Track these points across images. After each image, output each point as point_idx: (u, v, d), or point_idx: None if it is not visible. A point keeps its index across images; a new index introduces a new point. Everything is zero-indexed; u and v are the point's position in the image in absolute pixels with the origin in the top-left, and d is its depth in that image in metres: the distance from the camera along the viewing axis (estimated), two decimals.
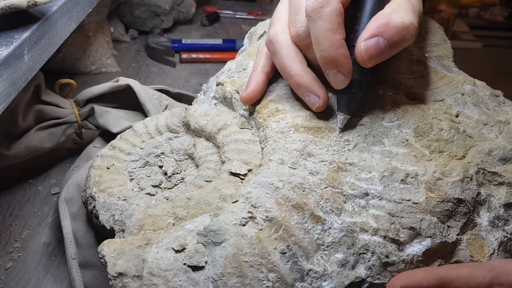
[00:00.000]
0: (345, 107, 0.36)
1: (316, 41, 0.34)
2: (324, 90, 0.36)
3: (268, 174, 0.33)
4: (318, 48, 0.34)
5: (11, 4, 0.37)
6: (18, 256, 0.49)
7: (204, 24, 1.08)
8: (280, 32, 0.38)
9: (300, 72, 0.36)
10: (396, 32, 0.33)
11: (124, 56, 0.92)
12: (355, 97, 0.36)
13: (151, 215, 0.35)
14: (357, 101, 0.36)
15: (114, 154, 0.42)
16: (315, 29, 0.33)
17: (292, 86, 0.37)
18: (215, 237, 0.30)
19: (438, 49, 0.46)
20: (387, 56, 0.34)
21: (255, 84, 0.39)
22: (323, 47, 0.33)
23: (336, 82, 0.35)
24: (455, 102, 0.40)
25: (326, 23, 0.33)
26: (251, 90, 0.39)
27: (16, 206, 0.55)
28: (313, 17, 0.33)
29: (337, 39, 0.33)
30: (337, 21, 0.33)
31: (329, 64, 0.34)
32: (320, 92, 0.36)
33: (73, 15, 0.51)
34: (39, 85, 0.53)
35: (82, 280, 0.42)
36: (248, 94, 0.39)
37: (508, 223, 0.35)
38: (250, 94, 0.39)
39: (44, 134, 0.55)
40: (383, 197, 0.33)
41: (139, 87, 0.56)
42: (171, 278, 0.28)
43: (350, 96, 0.35)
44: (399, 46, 0.34)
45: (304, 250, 0.30)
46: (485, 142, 0.37)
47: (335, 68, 0.34)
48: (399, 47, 0.34)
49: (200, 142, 0.41)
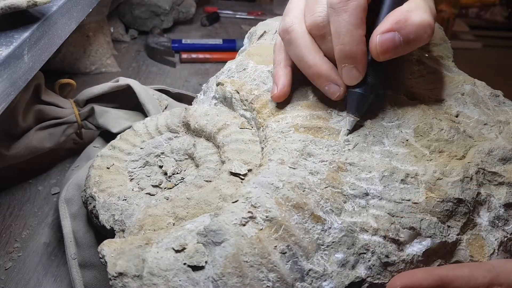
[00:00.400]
0: (355, 109, 0.36)
1: (337, 34, 0.33)
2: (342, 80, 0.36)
3: (268, 174, 0.33)
4: (338, 41, 0.34)
5: (11, 4, 0.37)
6: (18, 256, 0.49)
7: (204, 24, 1.08)
8: (296, 21, 0.37)
9: (319, 62, 0.36)
10: (413, 30, 0.33)
11: (124, 56, 0.92)
12: (366, 100, 0.35)
13: (151, 215, 0.35)
14: (367, 104, 0.36)
15: (114, 154, 0.42)
16: (338, 22, 0.33)
17: (310, 76, 0.37)
18: (215, 237, 0.30)
19: (438, 49, 0.46)
20: (401, 52, 0.34)
21: (284, 79, 0.38)
22: (344, 40, 0.33)
23: (349, 77, 0.35)
24: (455, 102, 0.40)
25: (351, 17, 0.33)
26: (282, 85, 0.38)
27: (16, 206, 0.55)
28: (338, 10, 0.33)
29: (359, 35, 0.33)
30: (361, 16, 0.33)
31: (346, 59, 0.34)
32: (340, 81, 0.36)
33: (73, 15, 0.51)
34: (39, 85, 0.53)
35: (82, 280, 0.42)
36: (281, 90, 0.38)
37: (508, 223, 0.35)
38: (283, 90, 0.38)
39: (44, 134, 0.55)
40: (383, 197, 0.33)
41: (139, 87, 0.56)
42: (171, 278, 0.28)
43: (361, 99, 0.35)
44: (414, 44, 0.34)
45: (304, 250, 0.30)
46: (485, 142, 0.37)
47: (352, 63, 0.34)
48: (414, 46, 0.34)
49: (200, 142, 0.41)
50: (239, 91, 0.41)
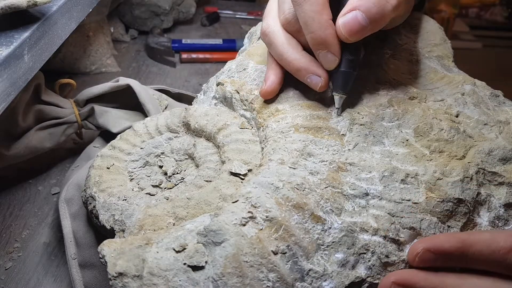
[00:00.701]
0: (340, 87, 0.36)
1: (305, 24, 0.34)
2: (323, 69, 0.36)
3: (268, 174, 0.33)
4: (307, 31, 0.35)
5: (11, 4, 0.37)
6: (18, 256, 0.49)
7: (204, 24, 1.08)
8: (271, 23, 0.38)
9: (297, 56, 0.37)
10: (373, 3, 0.33)
11: (124, 56, 0.92)
12: (350, 77, 0.36)
13: (151, 215, 0.35)
14: (351, 80, 0.36)
15: (114, 154, 0.42)
16: (302, 13, 0.34)
17: (292, 71, 0.38)
18: (215, 237, 0.30)
19: (438, 49, 0.46)
20: (370, 30, 0.34)
21: (274, 77, 0.39)
22: (312, 28, 0.34)
23: (326, 62, 0.35)
24: (455, 102, 0.40)
25: (313, 6, 0.34)
26: (271, 82, 0.38)
27: (16, 206, 0.55)
28: (299, 2, 0.34)
29: (324, 20, 0.34)
30: (321, 2, 0.34)
31: (319, 45, 0.35)
32: (319, 71, 0.36)
33: (73, 15, 0.51)
34: (39, 85, 0.53)
35: (82, 280, 0.42)
36: (269, 86, 0.38)
37: (508, 223, 0.35)
38: (271, 87, 0.38)
39: (44, 134, 0.55)
40: (383, 197, 0.33)
41: (139, 87, 0.56)
42: (171, 278, 0.28)
43: (345, 76, 0.36)
44: (380, 20, 0.34)
45: (304, 250, 0.30)
46: (485, 142, 0.37)
47: (325, 48, 0.35)
48: (380, 21, 0.34)
49: (200, 142, 0.41)
50: (239, 91, 0.41)
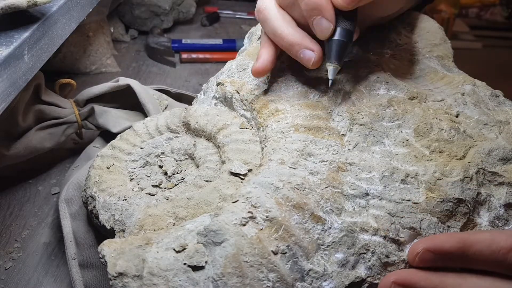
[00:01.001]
0: (334, 58, 0.35)
1: None
2: (317, 44, 0.36)
3: (268, 174, 0.33)
4: None
5: (11, 4, 0.37)
6: (18, 256, 0.49)
7: (204, 24, 1.08)
8: (266, 1, 0.38)
9: (291, 31, 0.36)
10: None
11: (124, 56, 0.92)
12: (345, 46, 0.35)
13: (151, 215, 0.35)
14: (346, 50, 0.36)
15: (114, 154, 0.42)
16: None
17: (285, 47, 0.37)
18: (215, 237, 0.30)
19: (438, 49, 0.46)
20: None
21: (266, 56, 0.38)
22: None
23: (321, 29, 0.35)
24: (455, 102, 0.40)
25: None
26: (263, 60, 0.38)
27: (16, 206, 0.55)
28: None
29: None
30: None
31: (313, 11, 0.34)
32: (313, 46, 0.36)
33: (73, 15, 0.51)
34: (39, 85, 0.53)
35: (82, 280, 0.42)
36: (261, 63, 0.38)
37: (508, 223, 0.35)
38: (263, 64, 0.38)
39: (44, 134, 0.55)
40: (383, 197, 0.33)
41: (139, 87, 0.56)
42: (171, 278, 0.28)
43: (339, 46, 0.35)
44: None
45: (304, 250, 0.30)
46: (485, 142, 0.37)
47: (319, 14, 0.34)
48: None
49: (200, 142, 0.41)
50: (239, 91, 0.41)
